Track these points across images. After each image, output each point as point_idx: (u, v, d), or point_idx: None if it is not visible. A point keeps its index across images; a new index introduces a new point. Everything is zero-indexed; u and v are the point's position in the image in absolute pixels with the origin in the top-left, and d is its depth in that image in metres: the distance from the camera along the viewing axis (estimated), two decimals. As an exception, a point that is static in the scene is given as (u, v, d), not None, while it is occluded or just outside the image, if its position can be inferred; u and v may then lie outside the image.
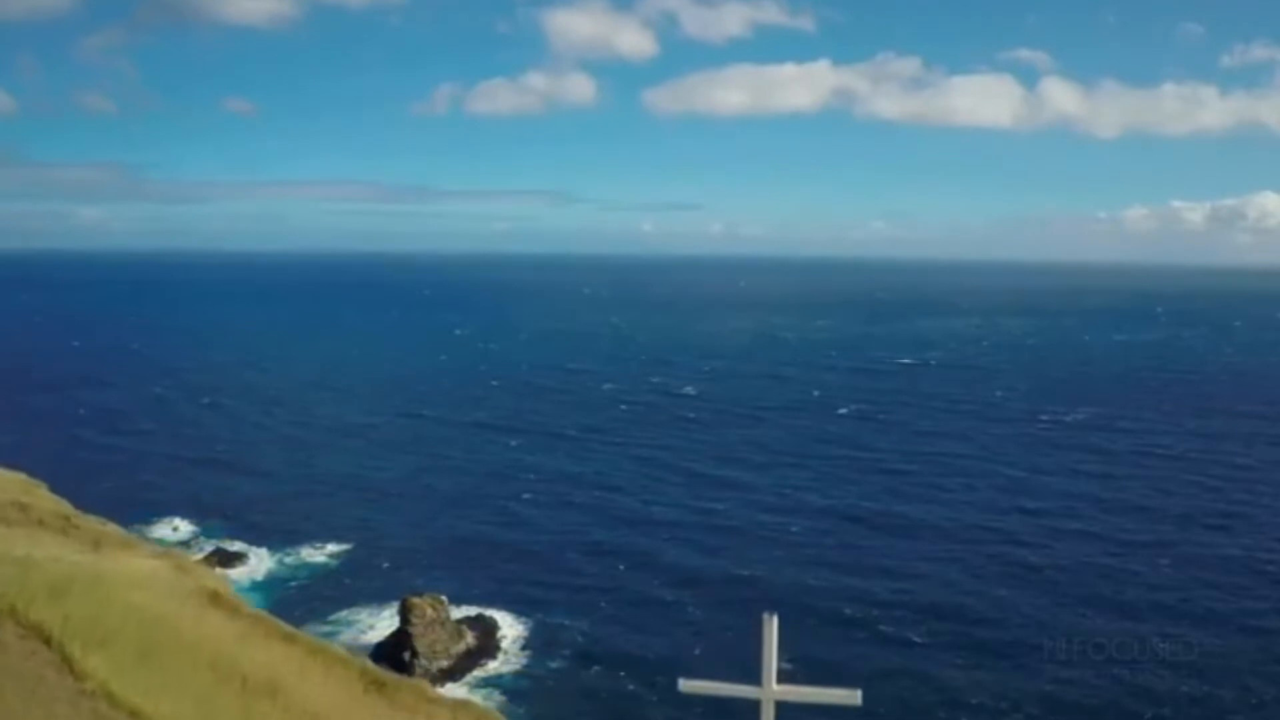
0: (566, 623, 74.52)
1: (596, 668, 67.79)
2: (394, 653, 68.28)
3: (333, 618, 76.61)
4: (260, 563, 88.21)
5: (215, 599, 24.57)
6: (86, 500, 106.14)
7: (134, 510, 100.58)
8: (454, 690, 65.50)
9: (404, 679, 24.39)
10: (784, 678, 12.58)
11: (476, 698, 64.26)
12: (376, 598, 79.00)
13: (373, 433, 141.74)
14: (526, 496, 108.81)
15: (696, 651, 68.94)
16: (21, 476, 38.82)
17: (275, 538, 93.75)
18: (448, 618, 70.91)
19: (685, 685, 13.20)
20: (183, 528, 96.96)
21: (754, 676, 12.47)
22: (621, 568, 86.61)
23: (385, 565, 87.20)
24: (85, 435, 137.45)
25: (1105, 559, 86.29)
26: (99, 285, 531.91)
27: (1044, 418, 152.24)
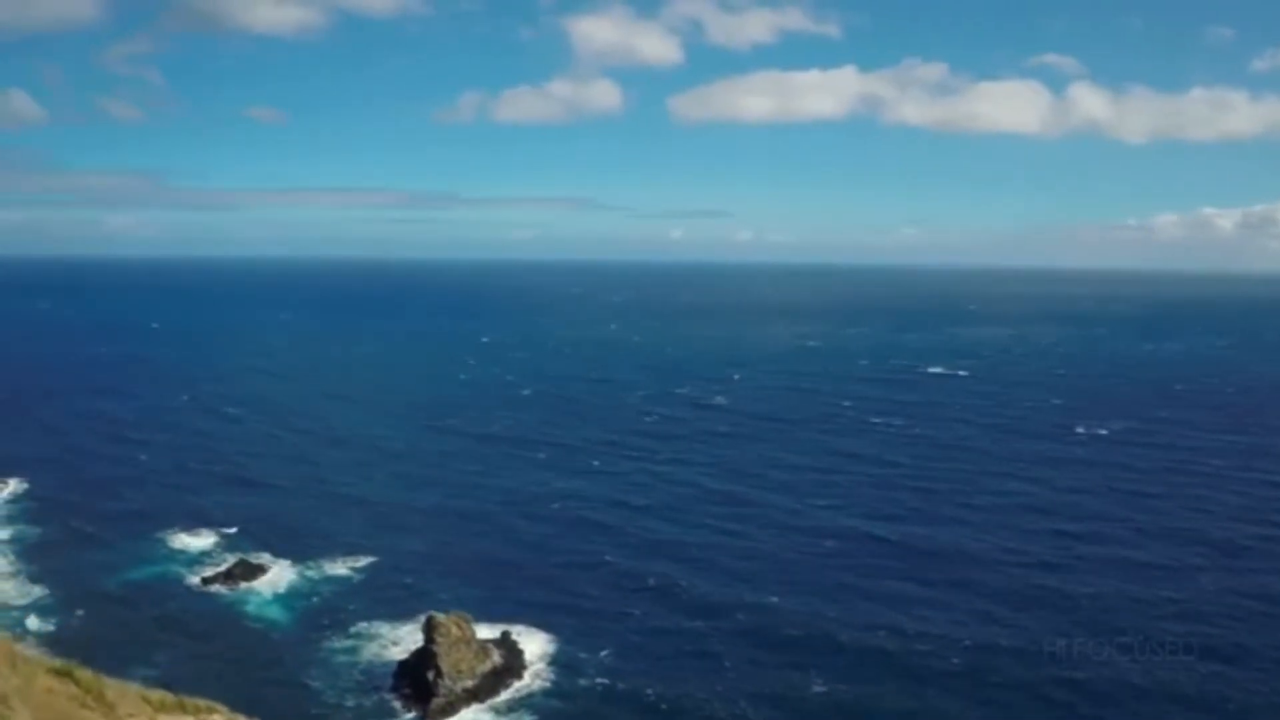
0: (592, 645, 73.05)
1: (622, 688, 66.44)
2: (417, 671, 67.13)
3: (354, 631, 75.97)
4: (282, 575, 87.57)
5: None
6: (107, 512, 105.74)
7: (155, 521, 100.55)
8: (478, 712, 64.38)
9: None
10: (815, 713, 11.25)
11: (501, 720, 63.15)
12: (398, 613, 78.01)
13: (397, 445, 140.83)
14: (555, 506, 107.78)
15: (722, 682, 67.36)
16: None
17: (297, 550, 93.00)
18: (473, 636, 69.58)
19: None
20: (204, 540, 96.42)
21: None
22: (651, 583, 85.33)
23: (408, 580, 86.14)
24: (106, 447, 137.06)
25: (1140, 586, 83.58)
26: (125, 292, 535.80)
27: (1079, 430, 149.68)
